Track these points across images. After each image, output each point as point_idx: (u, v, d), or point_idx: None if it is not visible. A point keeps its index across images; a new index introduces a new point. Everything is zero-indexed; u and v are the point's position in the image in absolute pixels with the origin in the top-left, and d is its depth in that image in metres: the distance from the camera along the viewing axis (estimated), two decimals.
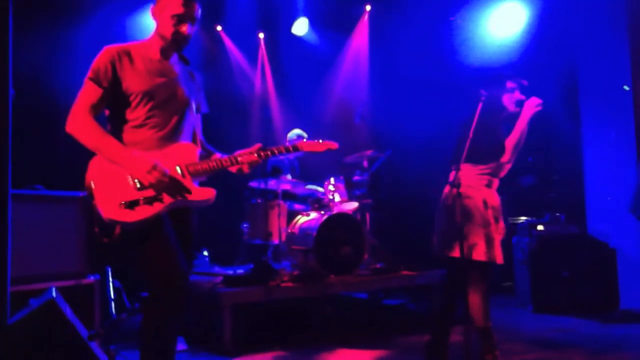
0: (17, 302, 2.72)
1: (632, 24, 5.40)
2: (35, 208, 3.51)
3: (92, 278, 3.65)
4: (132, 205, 2.24)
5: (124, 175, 2.32)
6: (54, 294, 2.76)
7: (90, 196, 2.27)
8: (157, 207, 2.31)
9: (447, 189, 3.32)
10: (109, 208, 2.26)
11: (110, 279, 3.67)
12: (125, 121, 2.44)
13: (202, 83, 2.73)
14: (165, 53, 2.54)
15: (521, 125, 3.18)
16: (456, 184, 2.83)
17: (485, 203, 3.22)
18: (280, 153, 2.65)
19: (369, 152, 5.38)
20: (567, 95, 6.09)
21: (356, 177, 5.51)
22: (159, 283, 2.31)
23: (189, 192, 2.39)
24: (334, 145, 2.69)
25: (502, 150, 3.17)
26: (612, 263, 5.36)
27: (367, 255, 4.99)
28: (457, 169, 2.87)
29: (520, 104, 3.25)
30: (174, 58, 2.59)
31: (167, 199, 2.33)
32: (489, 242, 3.17)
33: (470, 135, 2.90)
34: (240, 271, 4.92)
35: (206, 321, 4.32)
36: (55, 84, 4.82)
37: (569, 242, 5.44)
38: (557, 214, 5.61)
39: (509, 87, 3.27)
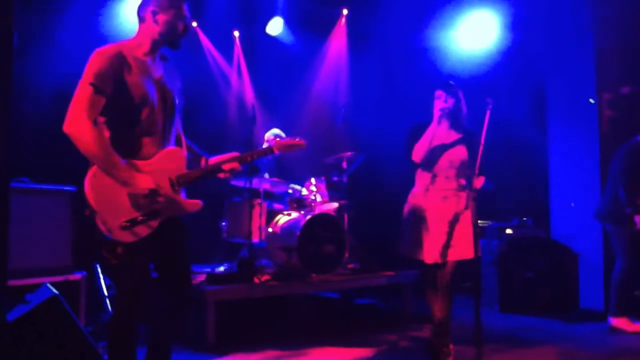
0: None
1: (598, 39, 5.72)
2: (22, 201, 3.43)
3: (78, 274, 3.59)
4: (132, 224, 2.30)
5: (121, 191, 2.30)
6: (54, 290, 2.72)
7: (92, 217, 2.26)
8: (153, 225, 2.38)
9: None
10: (112, 229, 2.27)
11: (101, 276, 3.61)
12: (118, 125, 2.37)
13: (178, 76, 2.70)
14: (153, 54, 2.51)
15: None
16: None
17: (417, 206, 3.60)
18: (259, 157, 2.83)
19: (348, 154, 5.46)
20: (536, 104, 6.36)
21: (335, 178, 5.58)
22: (119, 306, 2.40)
23: (183, 209, 2.51)
24: (302, 143, 2.82)
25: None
26: (574, 266, 5.66)
27: (347, 255, 5.08)
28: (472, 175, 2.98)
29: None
30: (157, 57, 2.56)
31: (161, 216, 2.41)
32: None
33: (482, 141, 2.99)
34: (220, 269, 4.91)
35: (189, 319, 4.30)
36: (35, 74, 4.65)
37: (534, 245, 5.72)
38: (525, 219, 5.88)
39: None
